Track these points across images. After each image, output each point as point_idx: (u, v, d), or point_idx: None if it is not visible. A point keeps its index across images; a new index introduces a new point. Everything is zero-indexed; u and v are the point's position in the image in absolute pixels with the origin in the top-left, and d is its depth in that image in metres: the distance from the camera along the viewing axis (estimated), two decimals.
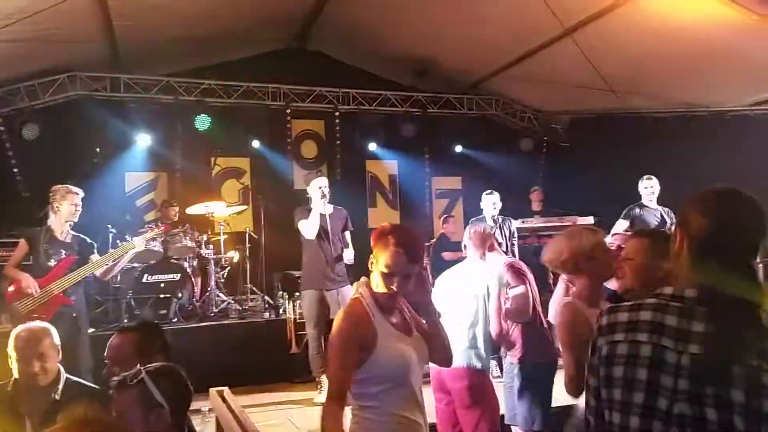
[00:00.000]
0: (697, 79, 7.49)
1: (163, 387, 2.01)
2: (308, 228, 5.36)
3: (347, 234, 5.64)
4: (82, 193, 4.78)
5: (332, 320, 5.40)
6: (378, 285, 2.24)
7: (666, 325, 1.41)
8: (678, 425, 1.38)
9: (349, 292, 4.99)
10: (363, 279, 2.30)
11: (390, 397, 2.18)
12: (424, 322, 2.37)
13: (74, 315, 4.61)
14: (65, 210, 4.66)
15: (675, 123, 8.24)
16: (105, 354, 2.47)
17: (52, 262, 4.58)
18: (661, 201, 6.23)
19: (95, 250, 4.89)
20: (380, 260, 2.20)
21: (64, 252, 4.65)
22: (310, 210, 5.48)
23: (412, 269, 2.18)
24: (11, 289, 4.48)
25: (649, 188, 6.22)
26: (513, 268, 3.97)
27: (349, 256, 5.51)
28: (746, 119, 7.96)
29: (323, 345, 5.41)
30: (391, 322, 2.25)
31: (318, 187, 5.43)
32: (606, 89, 7.60)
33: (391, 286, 2.18)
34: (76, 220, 4.76)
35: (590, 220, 7.53)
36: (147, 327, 2.58)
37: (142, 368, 2.03)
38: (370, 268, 2.28)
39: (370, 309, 2.21)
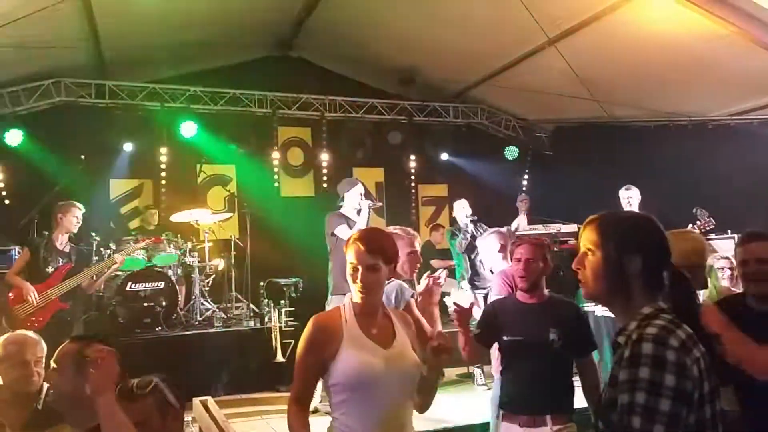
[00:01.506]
0: (678, 89, 7.60)
1: (171, 390, 2.11)
2: None
3: None
4: (83, 209, 5.25)
5: None
6: (352, 291, 2.25)
7: (692, 335, 1.53)
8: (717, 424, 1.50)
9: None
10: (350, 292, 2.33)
11: (354, 412, 2.12)
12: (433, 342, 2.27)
13: (68, 319, 5.05)
14: (67, 222, 5.13)
15: (657, 132, 8.36)
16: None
17: (50, 269, 4.98)
18: (644, 209, 6.30)
19: (92, 260, 5.49)
20: (347, 260, 2.25)
21: (61, 260, 5.06)
22: (344, 215, 5.50)
23: (372, 260, 2.19)
24: (11, 295, 4.89)
25: (626, 199, 6.24)
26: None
27: None
28: (726, 129, 8.09)
29: None
30: (368, 332, 2.21)
31: (359, 194, 5.48)
32: (589, 98, 7.69)
33: (357, 281, 2.20)
34: (76, 231, 5.26)
35: (574, 227, 7.61)
36: (87, 339, 2.47)
37: (152, 377, 2.10)
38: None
39: (345, 316, 2.22)
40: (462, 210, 6.70)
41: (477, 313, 4.15)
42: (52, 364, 2.37)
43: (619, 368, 1.47)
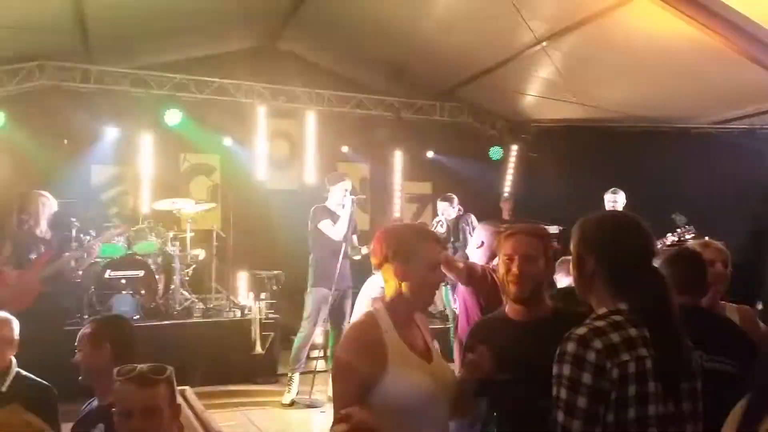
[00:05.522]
0: (663, 96, 7.67)
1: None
2: (338, 230, 5.46)
3: (354, 237, 5.83)
4: (51, 197, 5.46)
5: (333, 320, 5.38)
6: (405, 289, 1.95)
7: (644, 337, 1.59)
8: (663, 425, 1.54)
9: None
10: (378, 295, 2.10)
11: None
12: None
13: (50, 302, 5.29)
14: (43, 211, 5.37)
15: (641, 137, 8.43)
16: None
17: (32, 256, 5.23)
18: None
19: (72, 246, 5.69)
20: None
21: (43, 247, 5.30)
22: (329, 210, 5.53)
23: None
24: None
25: (611, 202, 6.33)
26: None
27: (364, 252, 5.75)
28: (709, 137, 8.19)
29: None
30: (409, 344, 1.95)
31: (344, 189, 5.51)
32: (575, 102, 7.75)
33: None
34: (51, 218, 5.46)
35: (556, 229, 7.67)
36: (100, 319, 2.69)
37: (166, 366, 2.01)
38: (377, 267, 2.03)
39: (383, 326, 1.92)
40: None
41: None
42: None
43: None
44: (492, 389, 2.08)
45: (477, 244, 3.91)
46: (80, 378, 2.44)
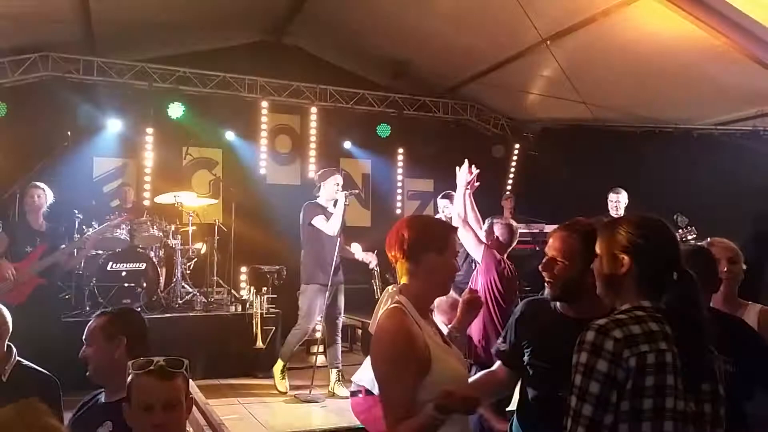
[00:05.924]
0: (666, 96, 7.67)
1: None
2: (332, 225, 5.45)
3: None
4: (47, 189, 5.41)
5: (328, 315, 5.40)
6: (433, 280, 1.95)
7: (665, 333, 1.62)
8: (681, 421, 1.57)
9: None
10: (394, 287, 2.09)
11: (446, 424, 1.77)
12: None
13: (48, 294, 5.30)
14: (38, 203, 5.33)
15: (643, 137, 8.43)
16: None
17: (28, 249, 5.24)
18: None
19: (67, 240, 5.58)
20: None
21: (38, 240, 5.28)
22: (320, 206, 5.54)
23: None
24: None
25: (614, 202, 6.33)
26: None
27: (358, 250, 5.83)
28: (711, 138, 8.19)
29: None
30: (436, 334, 1.97)
31: (336, 184, 5.51)
32: (578, 101, 7.75)
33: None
34: (47, 209, 5.41)
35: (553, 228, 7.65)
36: (113, 312, 2.59)
37: (183, 359, 1.93)
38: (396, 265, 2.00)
39: (414, 318, 1.89)
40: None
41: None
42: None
43: None
44: (527, 370, 2.20)
45: (491, 239, 4.15)
46: (88, 373, 2.35)
